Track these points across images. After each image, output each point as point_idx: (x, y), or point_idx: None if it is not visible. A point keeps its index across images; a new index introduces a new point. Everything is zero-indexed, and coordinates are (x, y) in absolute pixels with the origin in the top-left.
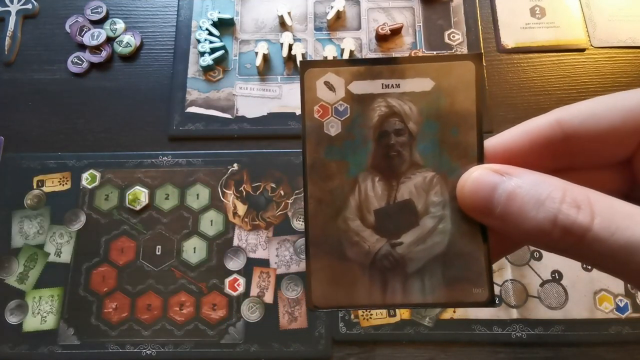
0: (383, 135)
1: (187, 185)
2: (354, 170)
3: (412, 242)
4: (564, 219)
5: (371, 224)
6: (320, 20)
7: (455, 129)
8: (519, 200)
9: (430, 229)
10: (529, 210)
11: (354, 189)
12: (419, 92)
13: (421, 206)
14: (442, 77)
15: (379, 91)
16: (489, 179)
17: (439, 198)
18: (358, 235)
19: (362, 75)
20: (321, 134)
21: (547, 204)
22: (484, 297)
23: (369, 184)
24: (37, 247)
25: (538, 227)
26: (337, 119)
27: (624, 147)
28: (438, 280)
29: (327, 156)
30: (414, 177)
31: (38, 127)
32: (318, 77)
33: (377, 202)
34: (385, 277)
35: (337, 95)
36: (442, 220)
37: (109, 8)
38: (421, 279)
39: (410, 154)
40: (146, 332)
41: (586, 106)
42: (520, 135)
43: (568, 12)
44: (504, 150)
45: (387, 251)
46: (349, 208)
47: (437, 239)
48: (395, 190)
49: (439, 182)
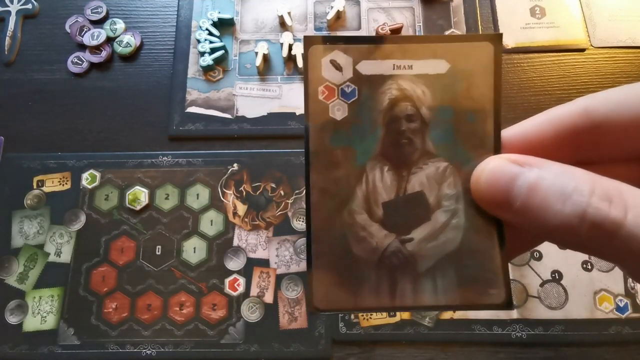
0: (393, 120)
1: (187, 185)
2: (362, 159)
3: (423, 238)
4: (595, 214)
5: (379, 218)
6: (320, 20)
7: (471, 116)
8: (542, 193)
9: (442, 224)
10: (553, 203)
11: (361, 178)
12: (433, 75)
13: (433, 199)
14: (459, 59)
15: (389, 72)
16: (508, 169)
17: (452, 190)
18: (365, 230)
19: (372, 55)
20: (326, 118)
21: (574, 197)
22: (501, 298)
23: (377, 173)
24: (37, 247)
25: (564, 223)
26: (343, 101)
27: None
28: (451, 280)
29: (332, 142)
30: (426, 168)
31: (38, 127)
32: (324, 54)
33: (386, 193)
34: (394, 277)
35: (344, 75)
36: (456, 214)
37: (109, 8)
38: (433, 278)
39: (423, 142)
40: (146, 332)
41: (616, 93)
42: (542, 124)
43: (568, 12)
44: (523, 140)
45: (396, 248)
46: (355, 200)
47: (450, 235)
48: (406, 181)
49: (452, 173)
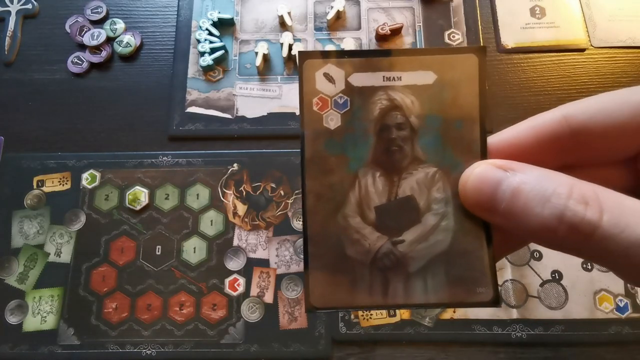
0: (384, 129)
1: (187, 185)
2: (354, 165)
3: (414, 240)
4: (571, 216)
5: (372, 221)
6: (320, 20)
7: (458, 123)
8: (523, 197)
9: (432, 226)
10: (534, 206)
11: (354, 184)
12: (421, 85)
13: (423, 203)
14: (445, 70)
15: (380, 84)
16: (493, 174)
17: (441, 194)
18: (358, 232)
19: (362, 67)
20: (320, 127)
21: (553, 200)
22: (489, 296)
23: (369, 179)
24: (37, 247)
25: (544, 224)
26: (336, 111)
27: (632, 143)
28: (441, 280)
29: (326, 150)
30: (416, 173)
31: (38, 127)
32: (317, 68)
33: (378, 198)
34: (387, 277)
35: (336, 87)
36: (445, 217)
37: (109, 8)
38: (423, 278)
39: (412, 149)
40: (146, 332)
41: (595, 101)
42: (526, 131)
43: (568, 12)
44: (508, 146)
45: (388, 249)
46: (349, 204)
47: (440, 237)
48: (397, 186)
49: (441, 178)
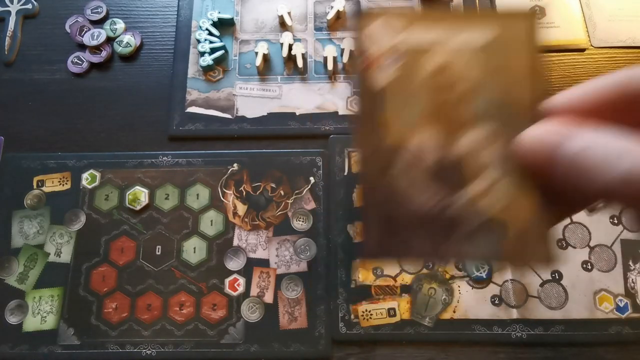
0: (438, 87)
1: (187, 185)
2: (408, 122)
3: (470, 197)
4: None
5: (427, 178)
6: (320, 20)
7: (514, 84)
8: (589, 158)
9: (488, 185)
10: (611, 160)
11: (409, 140)
12: (477, 45)
13: (478, 163)
14: (502, 31)
15: (435, 41)
16: (552, 136)
17: (497, 154)
18: (414, 187)
19: (418, 23)
20: (373, 84)
21: (623, 159)
22: (543, 256)
23: (424, 136)
24: (37, 247)
25: (621, 177)
26: (389, 68)
27: None
28: (495, 237)
29: (379, 106)
30: (471, 133)
31: (38, 127)
32: (371, 23)
33: (434, 155)
34: (441, 231)
35: (390, 43)
36: (501, 177)
37: (109, 8)
38: (478, 234)
39: (468, 109)
40: (146, 332)
41: None
42: (587, 92)
43: (568, 12)
44: (569, 107)
45: (444, 205)
46: (404, 159)
47: (496, 196)
48: (452, 145)
49: (497, 138)
